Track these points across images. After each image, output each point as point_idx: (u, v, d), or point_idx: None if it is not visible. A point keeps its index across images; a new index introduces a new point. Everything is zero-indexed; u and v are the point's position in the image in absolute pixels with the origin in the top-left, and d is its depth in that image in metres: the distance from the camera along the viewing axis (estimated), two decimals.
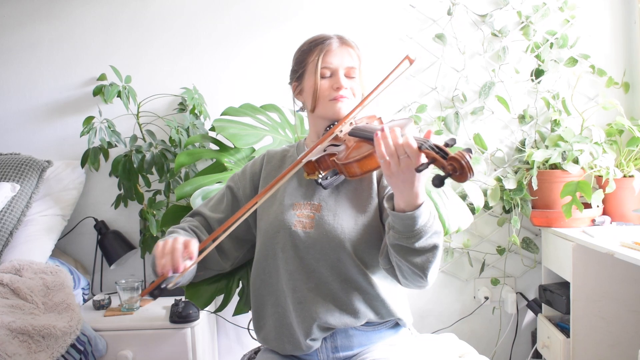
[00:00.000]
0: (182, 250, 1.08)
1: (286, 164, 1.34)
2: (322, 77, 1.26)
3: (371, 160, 1.12)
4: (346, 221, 1.20)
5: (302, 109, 1.38)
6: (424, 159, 0.98)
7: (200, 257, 1.15)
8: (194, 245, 1.11)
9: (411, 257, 1.07)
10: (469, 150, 0.91)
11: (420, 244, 1.05)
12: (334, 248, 1.19)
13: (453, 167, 0.91)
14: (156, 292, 1.08)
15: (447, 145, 0.95)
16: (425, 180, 1.04)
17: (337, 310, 1.20)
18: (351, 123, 1.26)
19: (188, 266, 1.10)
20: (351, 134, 1.22)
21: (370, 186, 1.25)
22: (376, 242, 1.21)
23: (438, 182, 0.92)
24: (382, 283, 1.22)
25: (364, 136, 1.17)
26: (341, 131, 1.24)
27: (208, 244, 1.17)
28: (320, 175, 1.20)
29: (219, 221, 1.32)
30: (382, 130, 1.02)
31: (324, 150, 1.21)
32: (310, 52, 1.29)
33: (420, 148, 0.97)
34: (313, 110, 1.29)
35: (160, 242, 1.11)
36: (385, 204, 1.09)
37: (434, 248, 1.07)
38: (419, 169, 0.96)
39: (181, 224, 1.34)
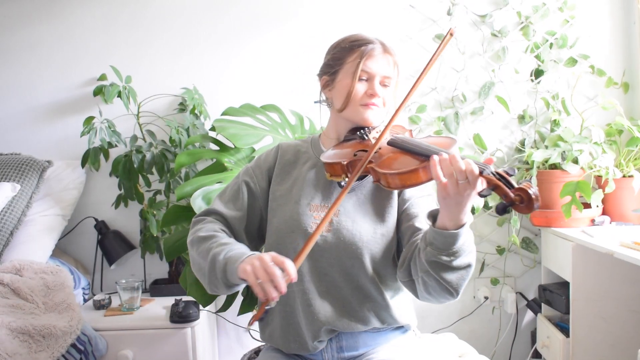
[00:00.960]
0: (281, 274, 1.01)
1: (300, 160, 1.32)
2: (359, 79, 1.23)
3: (415, 175, 1.08)
4: (365, 229, 1.19)
5: (327, 104, 1.34)
6: (480, 185, 0.99)
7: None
8: (289, 264, 1.03)
9: (447, 274, 1.07)
10: (529, 182, 0.95)
11: (457, 262, 1.05)
12: (350, 255, 1.18)
13: (520, 198, 0.94)
14: (264, 315, 1.12)
15: (508, 174, 0.97)
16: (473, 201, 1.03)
17: (345, 315, 1.20)
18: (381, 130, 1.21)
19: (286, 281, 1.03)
20: (391, 143, 1.19)
21: (390, 195, 1.23)
22: (390, 252, 1.21)
23: (502, 210, 0.94)
24: (392, 293, 1.23)
25: (409, 149, 1.13)
26: (373, 137, 1.23)
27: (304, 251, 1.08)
28: (346, 179, 1.18)
29: (239, 219, 1.27)
30: (441, 154, 1.01)
31: (354, 155, 1.18)
32: (351, 51, 1.25)
33: (481, 173, 0.98)
34: (341, 110, 1.27)
35: (247, 267, 1.03)
36: (428, 220, 1.08)
37: (468, 267, 1.08)
38: (482, 194, 0.97)
39: (210, 225, 1.25)
